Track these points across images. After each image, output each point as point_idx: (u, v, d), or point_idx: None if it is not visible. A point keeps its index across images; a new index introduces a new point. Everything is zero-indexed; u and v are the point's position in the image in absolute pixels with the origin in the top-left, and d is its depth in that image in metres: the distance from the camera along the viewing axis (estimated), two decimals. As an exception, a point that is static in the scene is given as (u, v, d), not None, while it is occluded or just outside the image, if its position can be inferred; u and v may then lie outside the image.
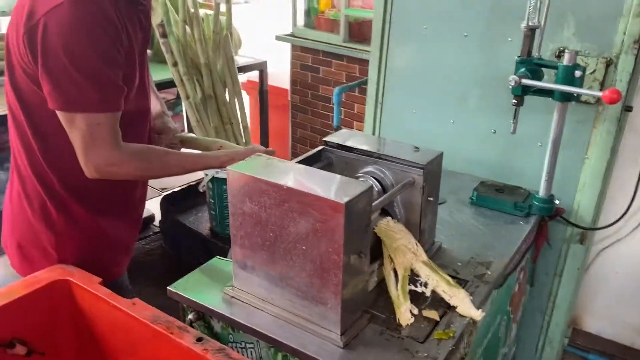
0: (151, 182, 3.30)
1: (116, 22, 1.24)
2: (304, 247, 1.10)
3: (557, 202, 1.70)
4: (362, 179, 1.35)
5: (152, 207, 3.47)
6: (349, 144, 1.41)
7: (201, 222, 3.07)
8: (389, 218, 1.35)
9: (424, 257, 1.31)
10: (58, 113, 1.24)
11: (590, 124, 1.74)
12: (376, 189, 1.34)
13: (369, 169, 1.38)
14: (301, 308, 1.16)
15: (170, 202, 3.15)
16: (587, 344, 2.25)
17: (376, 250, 1.32)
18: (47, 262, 1.41)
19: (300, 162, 1.39)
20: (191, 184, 3.33)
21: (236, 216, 1.18)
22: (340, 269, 1.06)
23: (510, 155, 1.94)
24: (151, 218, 3.57)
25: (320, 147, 1.46)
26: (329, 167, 1.45)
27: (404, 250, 1.30)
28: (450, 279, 1.27)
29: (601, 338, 2.27)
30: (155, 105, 1.65)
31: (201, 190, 2.75)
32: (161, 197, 3.14)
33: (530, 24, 1.52)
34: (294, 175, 1.13)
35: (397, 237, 1.32)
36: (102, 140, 1.25)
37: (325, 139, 1.45)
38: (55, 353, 1.33)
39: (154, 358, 1.22)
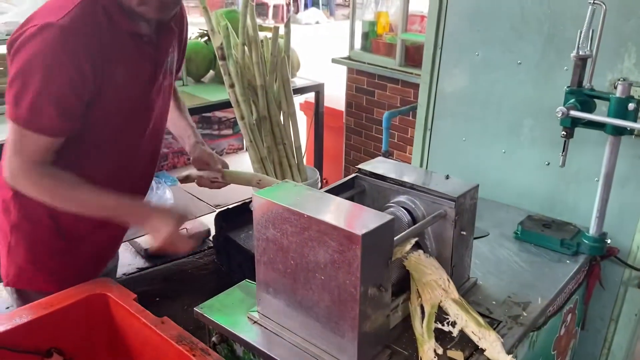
0: (205, 198, 3.41)
1: (88, 55, 1.26)
2: (322, 277, 1.09)
3: (608, 241, 1.58)
4: (391, 210, 1.33)
5: (208, 222, 3.57)
6: (381, 172, 1.39)
7: (251, 239, 3.11)
8: (421, 252, 1.31)
9: (455, 294, 1.26)
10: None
11: (652, 159, 1.62)
12: (406, 220, 1.32)
13: (400, 198, 1.35)
14: (320, 339, 1.15)
15: (223, 219, 3.22)
16: (648, 397, 2.06)
17: (405, 284, 1.29)
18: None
19: (332, 189, 1.39)
20: (246, 201, 3.40)
21: (260, 241, 1.19)
22: (357, 301, 1.04)
23: (564, 190, 1.84)
24: (207, 232, 3.68)
25: (353, 175, 1.45)
26: (361, 195, 1.44)
27: (434, 285, 1.26)
28: (481, 319, 1.22)
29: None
30: (189, 137, 1.66)
31: (252, 209, 2.80)
32: (215, 213, 3.22)
33: (580, 53, 1.44)
34: (317, 204, 1.13)
35: (428, 272, 1.28)
36: (21, 153, 1.29)
37: (359, 166, 1.44)
38: (89, 363, 1.39)
39: (176, 377, 1.24)
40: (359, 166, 1.44)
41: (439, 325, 1.21)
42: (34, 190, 1.34)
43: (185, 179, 1.65)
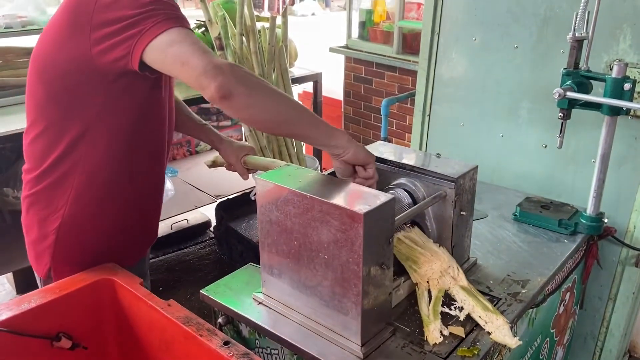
0: (206, 188, 3.43)
1: None
2: (325, 256, 1.11)
3: (605, 220, 1.61)
4: (392, 191, 1.35)
5: (208, 213, 3.60)
6: (382, 155, 1.41)
7: (252, 229, 3.15)
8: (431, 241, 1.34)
9: (464, 282, 1.28)
10: (146, 50, 1.14)
11: (648, 139, 1.64)
12: (407, 201, 1.34)
13: (401, 180, 1.38)
14: (324, 317, 1.17)
15: (224, 209, 3.25)
16: (646, 374, 2.10)
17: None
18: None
19: (333, 172, 1.41)
20: (246, 191, 3.42)
21: (264, 224, 1.22)
22: (360, 279, 1.07)
23: (562, 171, 1.86)
24: (207, 223, 3.70)
25: (354, 159, 1.46)
26: (362, 178, 1.45)
27: (443, 274, 1.29)
28: (488, 304, 1.23)
29: (662, 369, 2.11)
30: (207, 134, 1.64)
31: (252, 199, 2.82)
32: (216, 203, 3.24)
33: (577, 35, 1.46)
34: (319, 186, 1.15)
35: (437, 261, 1.30)
36: (206, 51, 1.16)
37: (360, 150, 1.46)
38: (97, 347, 1.41)
39: (184, 357, 1.27)
40: (360, 150, 1.46)
41: (447, 310, 1.24)
42: (248, 80, 1.15)
43: (213, 164, 1.68)
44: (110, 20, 1.17)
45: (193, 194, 3.28)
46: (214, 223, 3.48)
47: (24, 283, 2.94)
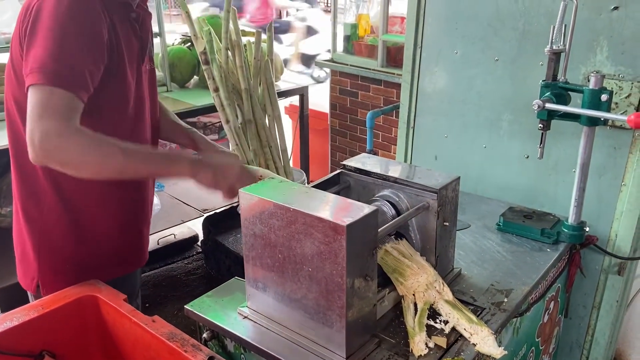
0: (193, 203, 3.43)
1: (101, 13, 1.24)
2: (309, 269, 1.11)
3: (587, 229, 1.63)
4: (376, 203, 1.36)
5: (196, 227, 3.58)
6: (365, 167, 1.42)
7: (240, 242, 3.14)
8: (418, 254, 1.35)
9: (450, 296, 1.29)
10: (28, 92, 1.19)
11: (627, 149, 1.68)
12: (390, 213, 1.35)
13: (385, 192, 1.39)
14: (309, 330, 1.17)
15: (211, 223, 3.24)
16: (632, 382, 2.11)
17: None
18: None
19: (318, 185, 1.42)
20: (233, 205, 3.42)
21: (248, 237, 1.22)
22: (344, 291, 1.07)
23: (544, 181, 1.89)
24: (195, 238, 3.69)
25: (338, 171, 1.48)
26: (347, 190, 1.47)
27: (429, 287, 1.29)
28: (473, 316, 1.24)
29: (648, 376, 2.13)
30: (193, 140, 1.62)
31: (239, 213, 2.82)
32: (203, 217, 3.23)
33: (554, 47, 1.49)
34: (302, 198, 1.16)
35: (423, 274, 1.31)
36: (52, 111, 1.17)
37: (344, 162, 1.47)
38: (81, 365, 1.40)
39: (168, 374, 1.26)
40: (344, 162, 1.47)
41: (432, 323, 1.24)
42: (73, 150, 1.18)
43: None
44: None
45: (180, 208, 3.27)
46: (201, 237, 3.47)
47: (11, 300, 2.90)
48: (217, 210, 3.23)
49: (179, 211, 3.24)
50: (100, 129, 1.25)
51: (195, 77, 3.62)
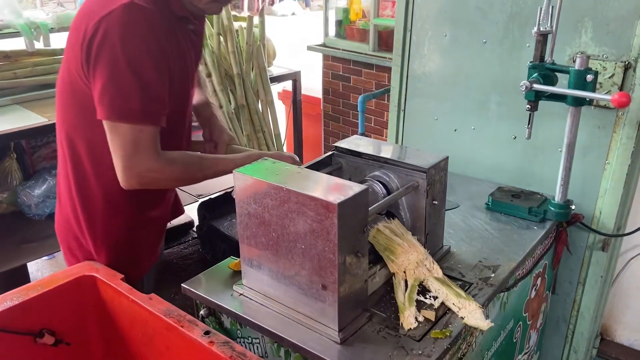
0: (187, 188, 3.45)
1: (166, 33, 1.29)
2: (302, 246, 1.15)
3: (573, 207, 1.68)
4: (367, 183, 1.39)
5: (191, 213, 3.61)
6: (356, 148, 1.45)
7: (235, 227, 3.17)
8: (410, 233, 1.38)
9: (439, 273, 1.33)
10: (104, 122, 1.28)
11: (610, 129, 1.71)
12: (381, 193, 1.38)
13: (376, 173, 1.42)
14: (303, 305, 1.21)
15: (206, 209, 3.26)
16: (617, 355, 2.17)
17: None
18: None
19: (310, 166, 1.45)
20: (227, 190, 3.44)
21: (242, 217, 1.25)
22: (336, 267, 1.11)
23: (531, 161, 1.92)
24: (190, 224, 3.72)
25: (330, 152, 1.51)
26: (338, 171, 1.50)
27: (419, 265, 1.33)
28: (461, 291, 1.28)
29: (632, 349, 2.19)
30: (205, 109, 1.71)
31: (234, 197, 2.85)
32: (198, 203, 3.26)
33: (541, 29, 1.52)
34: (295, 178, 1.19)
35: (414, 252, 1.35)
36: (144, 149, 1.29)
37: (335, 144, 1.51)
38: (80, 343, 1.43)
39: (166, 348, 1.30)
40: (336, 144, 1.51)
41: (422, 298, 1.28)
42: (165, 182, 1.41)
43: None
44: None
45: (174, 194, 3.30)
46: (196, 223, 3.50)
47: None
48: (212, 196, 3.26)
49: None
50: (165, 136, 1.36)
51: (187, 62, 3.62)
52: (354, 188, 1.13)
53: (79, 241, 1.55)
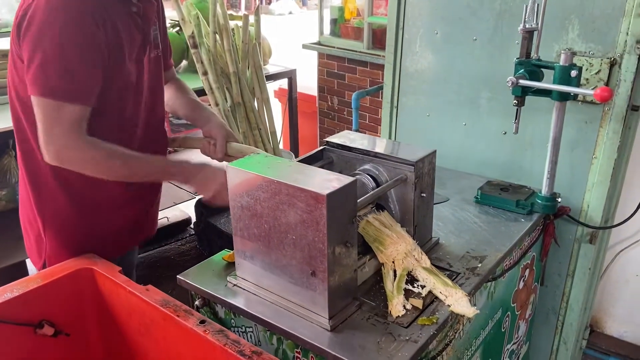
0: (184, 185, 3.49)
1: (94, 16, 1.29)
2: (293, 237, 1.19)
3: (559, 200, 1.72)
4: (357, 177, 1.43)
5: (188, 210, 3.64)
6: (347, 143, 1.49)
7: (231, 224, 3.20)
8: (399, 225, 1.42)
9: (427, 263, 1.37)
10: (31, 97, 1.31)
11: (597, 123, 1.75)
12: (371, 186, 1.42)
13: (366, 166, 1.46)
14: (294, 294, 1.25)
15: (203, 205, 3.30)
16: (607, 347, 2.22)
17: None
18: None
19: (302, 161, 1.49)
20: (224, 188, 3.47)
21: (235, 209, 1.29)
22: (326, 256, 1.14)
23: (520, 156, 1.97)
24: (187, 221, 3.75)
25: (321, 147, 1.55)
26: (330, 165, 1.54)
27: (408, 255, 1.37)
28: (448, 280, 1.32)
29: (621, 341, 2.23)
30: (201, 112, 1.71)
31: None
32: (195, 200, 3.29)
33: (527, 26, 1.56)
34: (286, 171, 1.23)
35: (403, 242, 1.39)
36: (62, 125, 1.29)
37: (327, 139, 1.54)
38: (79, 334, 1.47)
39: (163, 338, 1.34)
40: (327, 139, 1.54)
41: (410, 287, 1.32)
42: (82, 162, 1.36)
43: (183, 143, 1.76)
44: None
45: (172, 190, 3.32)
46: (194, 220, 3.53)
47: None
48: (209, 192, 3.28)
49: (171, 194, 3.30)
50: (102, 124, 1.38)
51: (184, 61, 3.65)
52: (343, 180, 1.17)
53: (30, 222, 1.56)
